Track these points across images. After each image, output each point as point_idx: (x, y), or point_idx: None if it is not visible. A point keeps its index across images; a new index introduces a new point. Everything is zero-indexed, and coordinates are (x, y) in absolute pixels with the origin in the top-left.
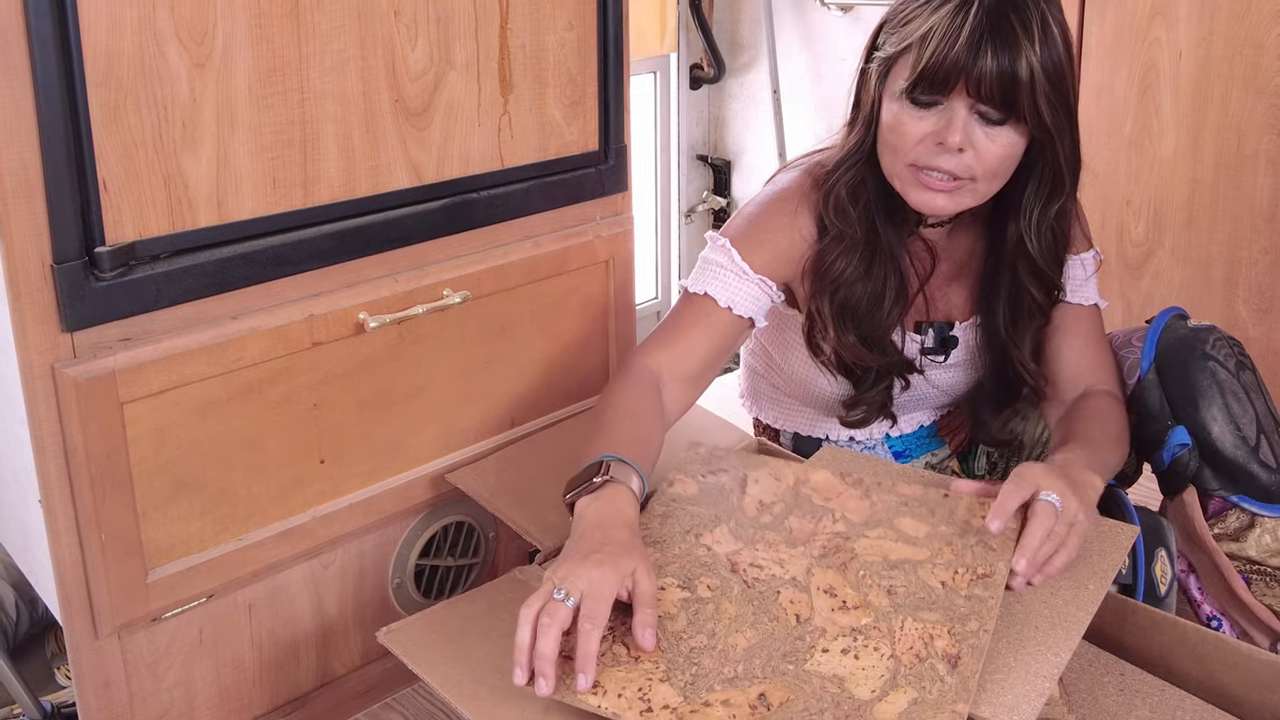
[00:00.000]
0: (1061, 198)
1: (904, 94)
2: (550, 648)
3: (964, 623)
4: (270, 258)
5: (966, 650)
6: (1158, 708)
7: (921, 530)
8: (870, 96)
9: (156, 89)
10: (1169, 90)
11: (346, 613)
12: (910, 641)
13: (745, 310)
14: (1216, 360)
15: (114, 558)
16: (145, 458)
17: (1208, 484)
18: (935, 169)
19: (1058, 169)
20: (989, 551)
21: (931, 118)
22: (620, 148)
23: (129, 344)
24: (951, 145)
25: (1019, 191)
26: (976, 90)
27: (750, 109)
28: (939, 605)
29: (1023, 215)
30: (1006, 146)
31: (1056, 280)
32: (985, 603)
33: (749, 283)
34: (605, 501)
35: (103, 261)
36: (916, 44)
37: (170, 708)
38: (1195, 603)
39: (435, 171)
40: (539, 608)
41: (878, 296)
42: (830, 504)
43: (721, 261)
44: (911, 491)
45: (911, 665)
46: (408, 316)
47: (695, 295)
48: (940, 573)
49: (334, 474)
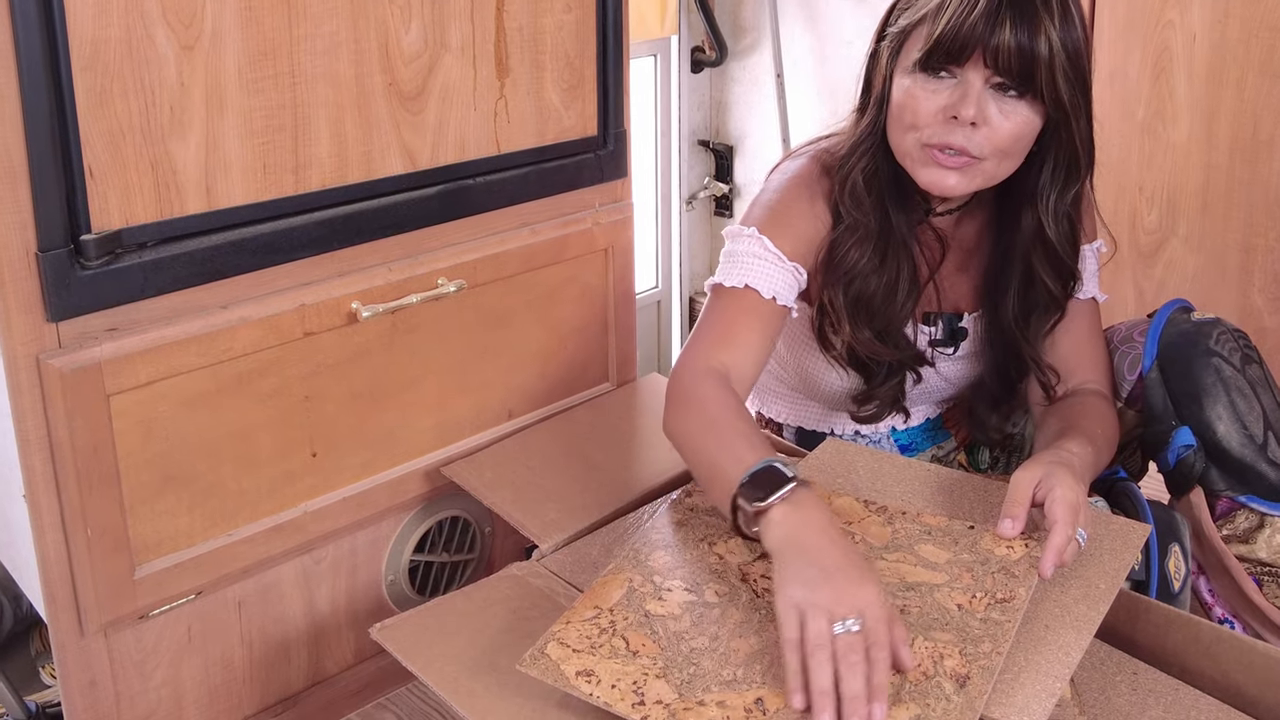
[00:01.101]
0: (1079, 181)
1: (917, 65)
2: (862, 687)
3: (977, 644)
4: (260, 246)
5: (977, 671)
6: (1171, 708)
7: (942, 557)
8: (882, 76)
9: (144, 73)
10: (1183, 74)
11: (339, 610)
12: (919, 659)
13: (787, 299)
14: (1220, 356)
15: (100, 554)
16: (132, 451)
17: (1215, 484)
18: (947, 146)
19: (1074, 151)
20: (1010, 578)
21: (945, 91)
22: (620, 133)
23: (115, 334)
24: (965, 118)
25: (1034, 177)
26: (994, 61)
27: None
28: (953, 626)
29: (1040, 200)
30: (1020, 124)
31: (1074, 269)
32: (1001, 626)
33: (785, 270)
34: (809, 509)
35: (88, 250)
36: (932, 14)
37: (158, 707)
38: (1207, 605)
39: (430, 157)
40: (828, 640)
41: (891, 288)
42: (851, 528)
43: (755, 251)
44: (935, 522)
45: (917, 682)
46: (402, 306)
47: (735, 290)
48: (957, 596)
49: (326, 467)
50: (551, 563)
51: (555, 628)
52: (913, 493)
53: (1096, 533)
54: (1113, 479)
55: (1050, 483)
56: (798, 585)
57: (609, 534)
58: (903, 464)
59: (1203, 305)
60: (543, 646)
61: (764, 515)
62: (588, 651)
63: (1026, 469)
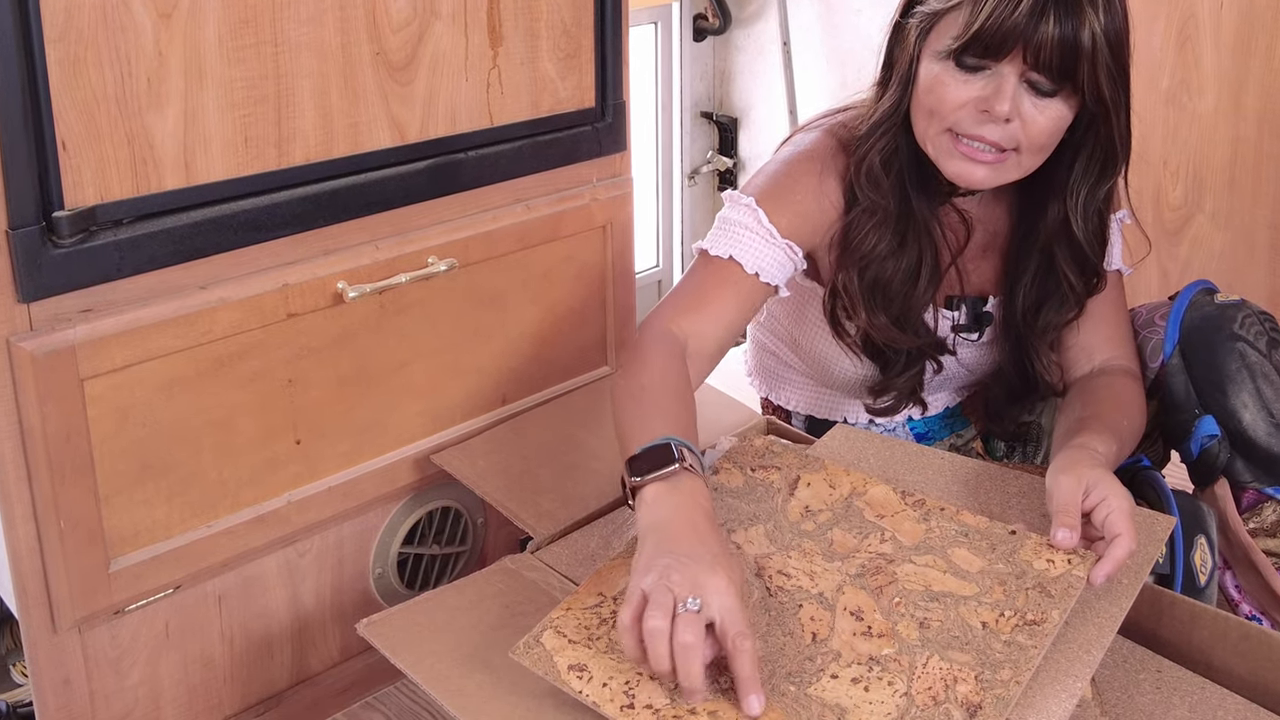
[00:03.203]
0: (1113, 176)
1: (950, 55)
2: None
3: (996, 670)
4: (242, 223)
5: (990, 700)
6: (1197, 707)
7: (975, 565)
8: (908, 55)
9: (119, 42)
10: (1209, 42)
11: (324, 605)
12: (930, 681)
13: (772, 277)
14: (1245, 340)
15: (74, 546)
16: (107, 438)
17: (1240, 476)
18: (977, 138)
19: (1111, 146)
20: (1045, 597)
21: (978, 83)
22: (618, 104)
23: (90, 316)
24: (999, 114)
25: (1065, 169)
26: (1035, 58)
27: (758, 62)
28: (973, 647)
29: (1069, 195)
30: (1055, 119)
31: (1099, 266)
32: (1026, 651)
33: (775, 247)
34: (684, 495)
35: (61, 227)
36: (969, 2)
37: (134, 707)
38: (1233, 601)
39: (419, 130)
40: (667, 621)
41: (911, 274)
42: (882, 521)
43: (746, 222)
44: (975, 523)
45: (925, 707)
46: (390, 286)
47: (717, 259)
48: (984, 613)
49: (310, 455)
50: (547, 555)
51: (554, 614)
52: (927, 482)
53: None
54: (1136, 467)
55: (1102, 491)
56: (649, 573)
57: (607, 525)
58: (915, 451)
59: (1230, 285)
60: (538, 634)
61: (638, 493)
62: (584, 644)
63: (1067, 473)
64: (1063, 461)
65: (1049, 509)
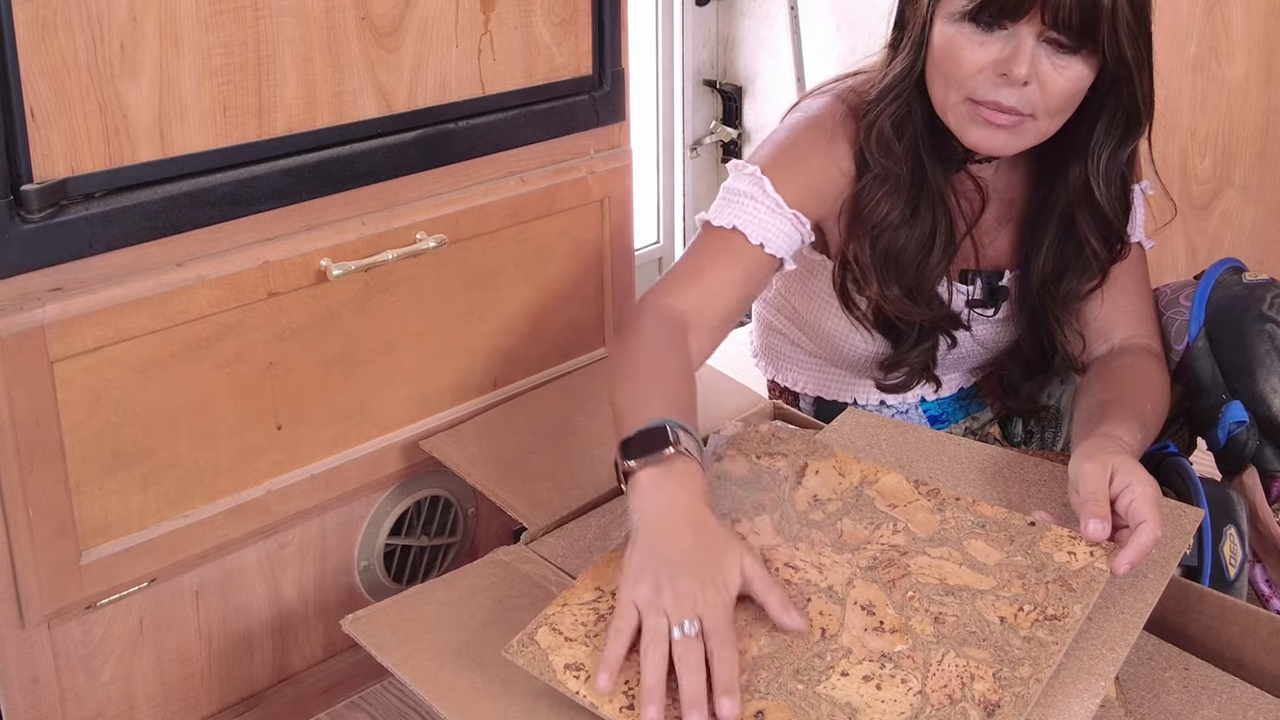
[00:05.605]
0: (1135, 138)
1: (965, 16)
2: (702, 686)
3: (1015, 667)
4: (220, 197)
5: (1009, 698)
6: (1226, 706)
7: (993, 557)
8: (921, 16)
9: (91, 4)
10: (1239, 6)
11: (307, 599)
12: (945, 679)
13: (777, 249)
14: (1275, 321)
15: (43, 537)
16: (78, 423)
17: (1270, 464)
18: (996, 104)
19: (1134, 107)
20: (1066, 591)
21: (994, 44)
22: (617, 72)
23: (60, 294)
24: (1017, 77)
25: (1085, 132)
26: (1054, 17)
27: (764, 27)
28: (991, 643)
29: (1091, 158)
30: (1074, 80)
31: (1123, 232)
32: (1046, 648)
33: (782, 218)
34: (678, 480)
35: (30, 201)
36: None
37: (107, 706)
38: (1264, 596)
39: (407, 99)
40: (664, 650)
41: (925, 243)
42: (895, 511)
43: (752, 192)
44: (992, 513)
45: (940, 706)
46: (376, 264)
47: (721, 230)
48: (1002, 607)
49: (292, 442)
50: (541, 547)
51: (550, 610)
52: (941, 470)
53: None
54: (1162, 454)
55: (1125, 477)
56: (641, 583)
57: (604, 515)
58: (930, 437)
59: (1260, 262)
60: (533, 631)
61: (630, 477)
62: (581, 641)
63: (1091, 460)
64: (1088, 449)
65: (1073, 499)
